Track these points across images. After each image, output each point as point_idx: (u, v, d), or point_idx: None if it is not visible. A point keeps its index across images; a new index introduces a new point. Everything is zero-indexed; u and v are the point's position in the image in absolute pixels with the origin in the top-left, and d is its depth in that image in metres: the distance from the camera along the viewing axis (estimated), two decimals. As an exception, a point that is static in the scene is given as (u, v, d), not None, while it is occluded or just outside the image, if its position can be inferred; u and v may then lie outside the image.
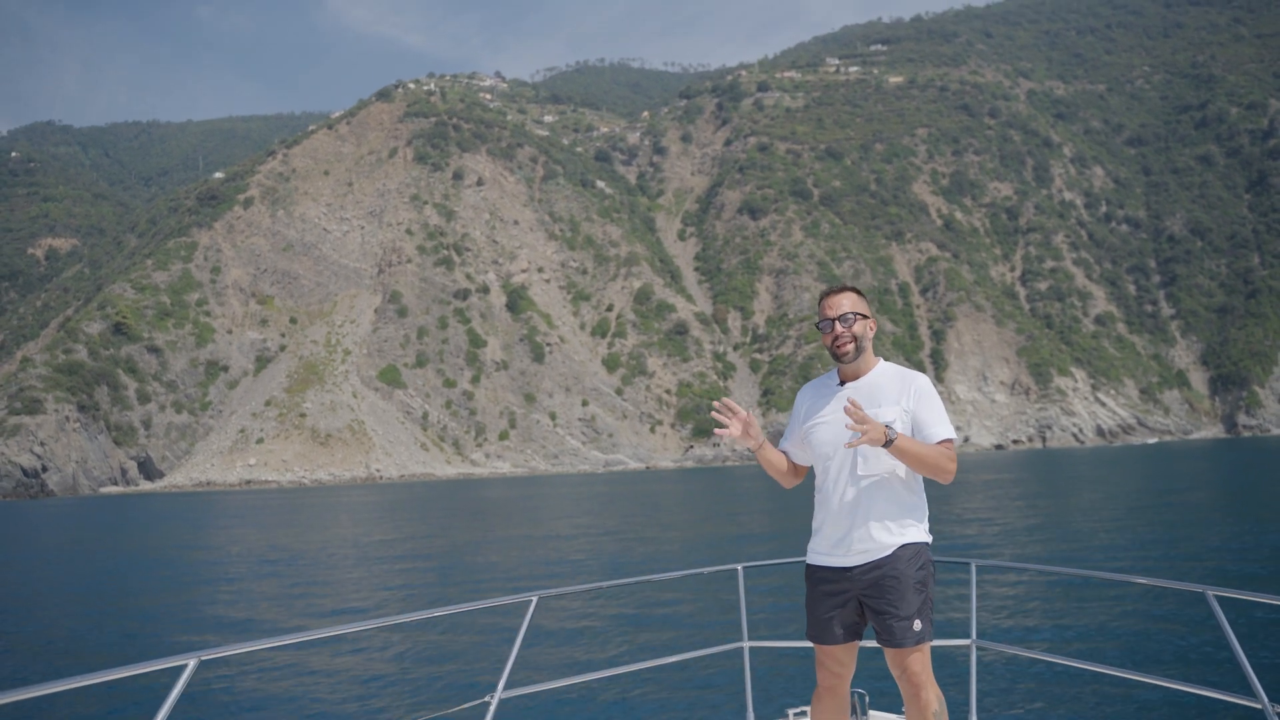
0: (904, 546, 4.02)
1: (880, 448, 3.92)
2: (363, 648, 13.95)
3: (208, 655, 3.19)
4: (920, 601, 4.00)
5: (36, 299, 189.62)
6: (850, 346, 4.07)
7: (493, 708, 4.08)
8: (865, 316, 4.13)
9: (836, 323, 4.08)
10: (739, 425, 4.11)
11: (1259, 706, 3.88)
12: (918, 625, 3.97)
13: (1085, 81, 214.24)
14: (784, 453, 4.33)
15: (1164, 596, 16.59)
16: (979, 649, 5.05)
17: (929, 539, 4.12)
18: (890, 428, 3.85)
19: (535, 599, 4.44)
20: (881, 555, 4.01)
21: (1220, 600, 4.17)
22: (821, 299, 4.20)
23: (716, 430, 4.14)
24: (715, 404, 4.18)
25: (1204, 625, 14.01)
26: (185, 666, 3.07)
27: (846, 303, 4.12)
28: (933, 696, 3.98)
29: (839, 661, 4.16)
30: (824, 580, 4.13)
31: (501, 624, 15.15)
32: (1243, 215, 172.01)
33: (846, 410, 3.81)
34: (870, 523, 4.01)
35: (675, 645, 13.50)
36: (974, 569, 5.27)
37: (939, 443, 3.98)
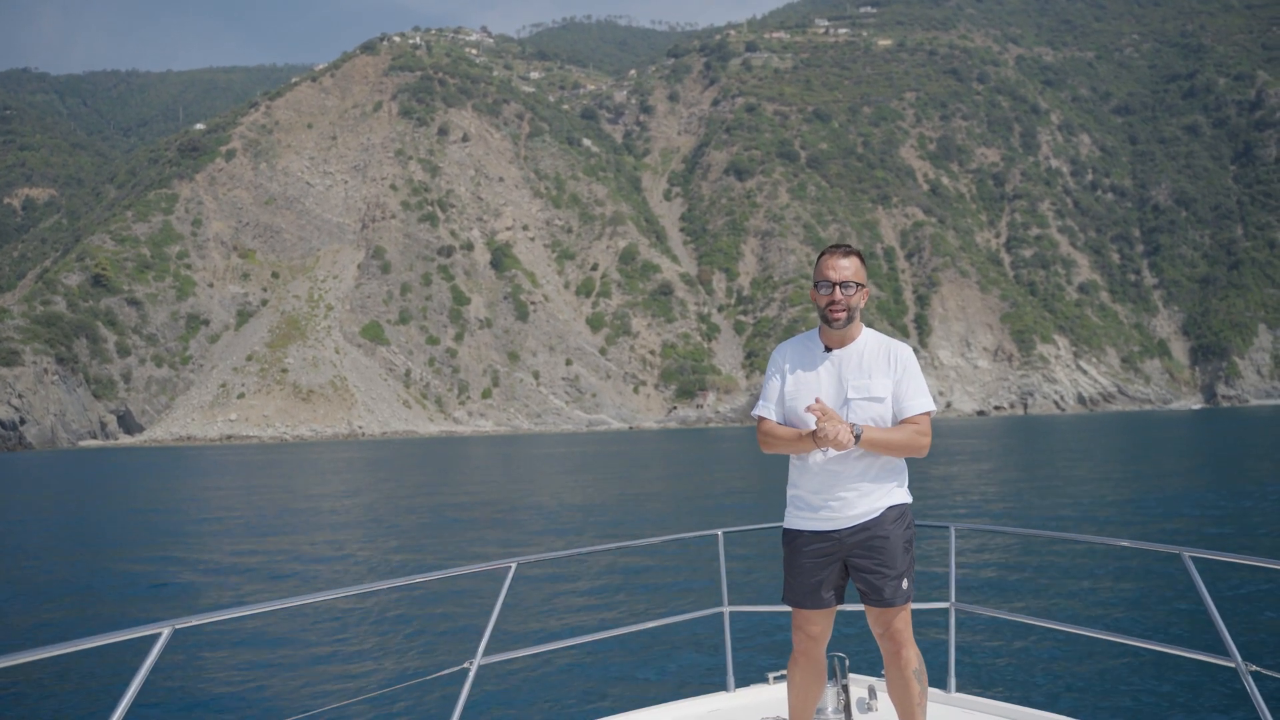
0: (891, 508, 4.05)
1: (859, 431, 3.93)
2: (340, 615, 13.87)
3: (182, 624, 3.09)
4: (908, 561, 4.05)
5: (13, 249, 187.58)
6: (844, 315, 4.00)
7: (472, 674, 4.05)
8: (863, 286, 4.05)
9: (838, 288, 3.99)
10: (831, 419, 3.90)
11: (1232, 665, 3.94)
12: (905, 584, 4.03)
13: (1074, 48, 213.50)
14: (763, 417, 4.18)
15: (1141, 558, 16.76)
16: (957, 611, 5.08)
17: (910, 500, 4.14)
18: (855, 426, 3.89)
19: (514, 565, 4.39)
20: (870, 517, 4.03)
21: (1196, 561, 4.22)
22: (824, 256, 4.08)
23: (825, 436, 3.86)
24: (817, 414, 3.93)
25: (1180, 586, 14.13)
26: (159, 635, 3.02)
27: (850, 269, 4.02)
28: (913, 655, 4.05)
29: (818, 625, 4.16)
30: (809, 544, 4.10)
31: (480, 590, 15.09)
32: (1227, 186, 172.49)
33: (811, 409, 3.87)
34: (858, 486, 4.01)
35: (655, 611, 13.49)
36: (953, 532, 5.30)
37: (917, 415, 3.99)
